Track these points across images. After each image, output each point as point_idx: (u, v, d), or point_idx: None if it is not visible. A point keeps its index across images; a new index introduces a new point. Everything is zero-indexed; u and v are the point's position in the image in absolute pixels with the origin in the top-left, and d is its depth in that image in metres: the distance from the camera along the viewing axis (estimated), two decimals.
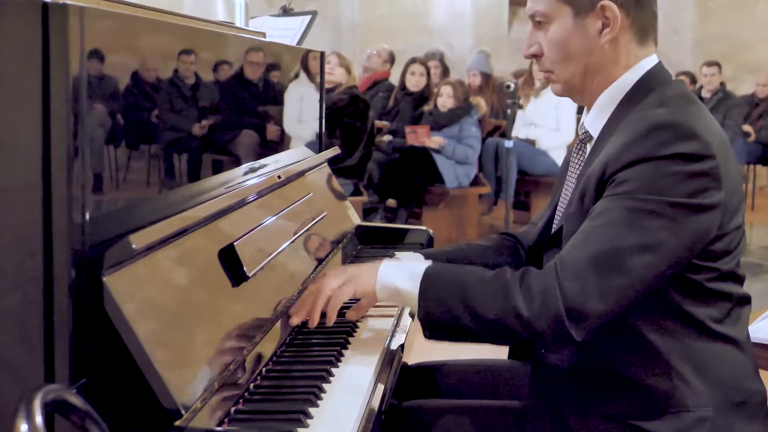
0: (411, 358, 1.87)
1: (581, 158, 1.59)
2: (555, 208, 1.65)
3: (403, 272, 1.48)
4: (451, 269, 1.49)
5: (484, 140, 6.49)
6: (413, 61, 6.66)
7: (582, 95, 1.56)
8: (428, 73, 6.63)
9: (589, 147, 1.57)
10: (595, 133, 1.54)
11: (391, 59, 7.75)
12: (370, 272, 1.52)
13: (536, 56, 1.56)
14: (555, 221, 1.62)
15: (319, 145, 2.43)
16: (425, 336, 1.45)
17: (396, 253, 1.86)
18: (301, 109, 2.34)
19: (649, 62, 1.52)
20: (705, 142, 1.37)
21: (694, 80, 8.40)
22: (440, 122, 6.12)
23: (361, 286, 1.51)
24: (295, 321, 1.53)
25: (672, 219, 1.35)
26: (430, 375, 1.82)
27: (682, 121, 1.38)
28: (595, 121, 1.54)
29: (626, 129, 1.42)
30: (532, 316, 1.34)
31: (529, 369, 1.73)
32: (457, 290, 1.41)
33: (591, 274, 1.34)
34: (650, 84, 1.49)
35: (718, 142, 1.40)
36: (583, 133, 1.58)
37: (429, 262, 1.51)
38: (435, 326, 1.43)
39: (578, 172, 1.57)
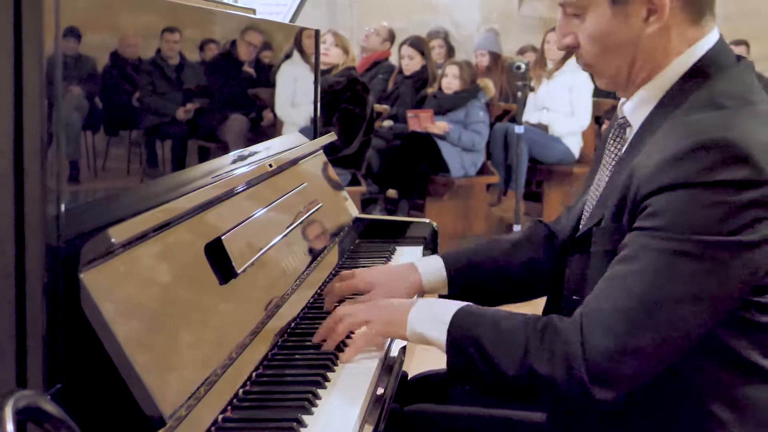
0: (414, 362, 1.87)
1: (620, 144, 1.51)
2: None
3: (429, 318, 1.43)
4: (478, 317, 1.41)
5: (492, 125, 6.48)
6: (403, 43, 6.64)
7: (627, 89, 1.46)
8: (423, 55, 6.59)
9: (629, 132, 1.48)
10: (635, 123, 1.46)
11: (391, 38, 7.74)
12: (401, 315, 1.47)
13: (573, 47, 1.46)
14: (583, 219, 1.53)
15: (313, 130, 2.43)
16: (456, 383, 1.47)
17: (416, 261, 1.79)
18: (295, 92, 2.34)
19: (706, 43, 1.40)
20: (759, 167, 1.24)
21: None
22: (445, 106, 6.11)
23: (394, 332, 1.50)
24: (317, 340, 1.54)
25: (714, 262, 1.25)
26: (435, 385, 1.79)
27: (734, 137, 1.25)
28: (635, 111, 1.45)
29: (668, 136, 1.32)
30: (552, 377, 1.30)
31: None
32: (478, 345, 1.36)
33: (622, 331, 1.27)
34: (705, 70, 1.38)
35: None
36: (621, 118, 1.50)
37: (458, 305, 1.44)
38: (463, 378, 1.41)
39: (616, 159, 1.49)
